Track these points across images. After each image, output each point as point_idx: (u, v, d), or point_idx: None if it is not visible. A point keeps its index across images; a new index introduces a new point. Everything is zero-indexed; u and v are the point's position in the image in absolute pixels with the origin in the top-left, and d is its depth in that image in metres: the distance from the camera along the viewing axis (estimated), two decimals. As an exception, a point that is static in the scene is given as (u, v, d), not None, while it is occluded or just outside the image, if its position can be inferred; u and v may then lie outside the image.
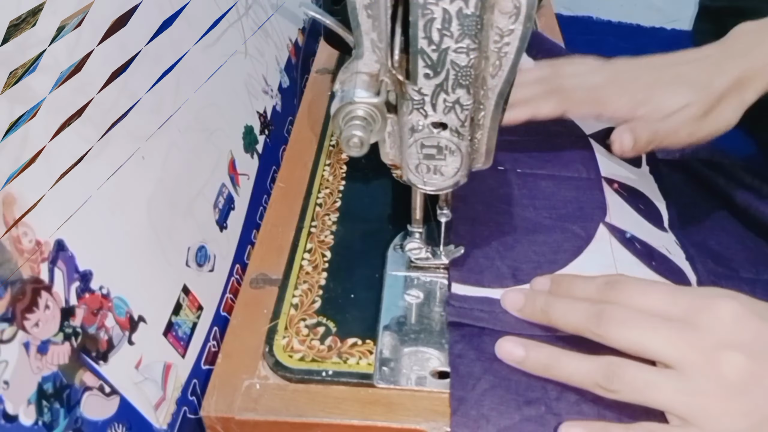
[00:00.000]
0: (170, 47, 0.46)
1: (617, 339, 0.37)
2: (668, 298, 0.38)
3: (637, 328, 0.36)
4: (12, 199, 0.30)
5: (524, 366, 0.40)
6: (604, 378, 0.36)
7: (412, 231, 0.45)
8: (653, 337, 0.36)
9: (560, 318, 0.40)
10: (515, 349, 0.40)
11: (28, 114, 0.32)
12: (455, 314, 0.43)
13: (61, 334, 0.32)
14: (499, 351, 0.41)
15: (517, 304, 0.43)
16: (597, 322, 0.37)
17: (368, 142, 0.35)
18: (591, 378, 0.37)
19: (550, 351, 0.39)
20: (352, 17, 0.34)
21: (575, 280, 0.43)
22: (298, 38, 0.75)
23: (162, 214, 0.43)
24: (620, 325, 0.37)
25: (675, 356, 0.35)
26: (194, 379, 0.45)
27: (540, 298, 0.42)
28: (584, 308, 0.39)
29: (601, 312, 0.38)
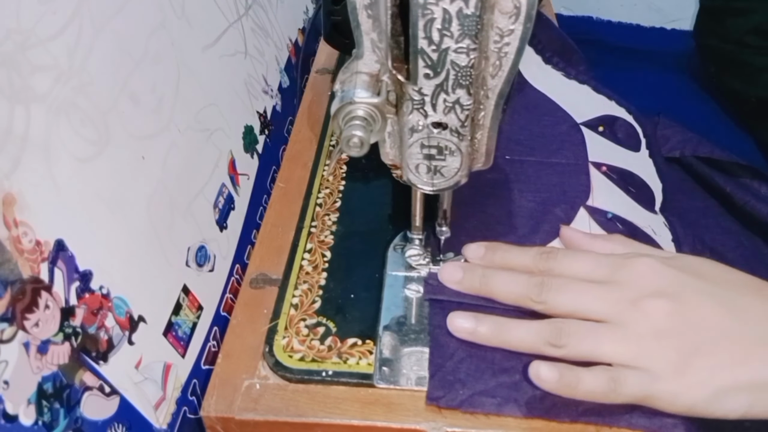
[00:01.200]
0: (170, 47, 0.46)
1: (554, 304, 0.40)
2: (593, 263, 0.42)
3: (570, 292, 0.40)
4: (12, 199, 0.30)
5: (476, 337, 0.41)
6: (552, 334, 0.39)
7: (412, 237, 0.45)
8: (584, 298, 0.40)
9: (501, 289, 0.42)
10: (465, 322, 0.42)
11: (28, 114, 0.32)
12: (431, 291, 0.45)
13: (61, 334, 0.32)
14: (450, 326, 0.42)
15: (455, 276, 0.44)
16: (537, 291, 0.41)
17: (368, 142, 0.35)
18: (541, 337, 0.39)
19: (498, 320, 0.41)
20: (352, 17, 0.34)
21: (510, 250, 0.45)
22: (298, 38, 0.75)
23: (162, 214, 0.43)
24: (557, 292, 0.40)
25: (606, 311, 0.39)
26: (194, 379, 0.45)
27: (478, 270, 0.44)
28: (525, 279, 0.42)
29: (540, 282, 0.41)
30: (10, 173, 0.30)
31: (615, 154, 0.56)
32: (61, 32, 0.34)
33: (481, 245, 0.46)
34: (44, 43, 0.33)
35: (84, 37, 0.36)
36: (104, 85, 0.38)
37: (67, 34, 0.35)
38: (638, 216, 0.50)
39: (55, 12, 0.34)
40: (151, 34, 0.43)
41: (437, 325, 0.43)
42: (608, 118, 0.58)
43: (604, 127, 0.57)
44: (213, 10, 0.54)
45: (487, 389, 0.40)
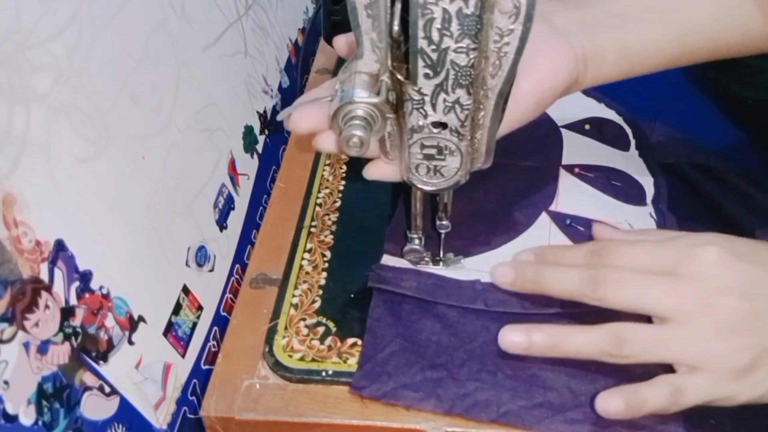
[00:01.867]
0: (170, 47, 0.46)
1: (614, 300, 0.38)
2: (651, 255, 0.39)
3: (631, 287, 0.38)
4: (12, 199, 0.30)
5: (531, 351, 0.39)
6: (614, 345, 0.37)
7: (412, 237, 0.45)
8: (648, 294, 0.37)
9: (554, 285, 0.40)
10: (517, 337, 0.40)
11: (28, 114, 0.32)
12: (375, 279, 0.45)
13: (61, 334, 0.32)
14: (502, 343, 0.40)
15: (507, 278, 0.43)
16: (593, 286, 0.38)
17: (368, 142, 0.35)
18: (601, 348, 0.37)
19: (553, 330, 0.39)
20: (352, 17, 0.34)
21: (561, 251, 0.43)
22: (298, 38, 0.75)
23: (162, 214, 0.43)
24: (615, 287, 0.38)
25: (672, 309, 0.37)
26: (194, 379, 0.45)
27: (529, 269, 0.42)
28: (577, 274, 0.40)
29: (595, 276, 0.39)
30: (10, 173, 0.30)
31: (598, 151, 0.55)
32: (61, 32, 0.34)
33: (529, 250, 0.44)
34: (44, 43, 0.33)
35: (84, 37, 0.36)
36: (104, 85, 0.38)
37: (67, 34, 0.35)
38: (615, 211, 0.49)
39: (55, 12, 0.34)
40: (151, 34, 0.43)
41: (376, 318, 0.44)
42: (595, 120, 0.57)
43: (590, 126, 0.57)
44: (213, 10, 0.54)
45: (412, 383, 0.40)
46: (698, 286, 0.37)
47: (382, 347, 0.42)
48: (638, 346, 0.37)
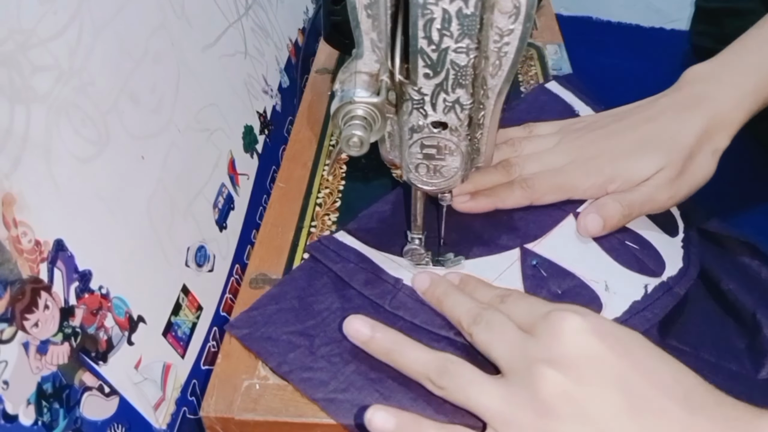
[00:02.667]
0: (170, 47, 0.46)
1: (475, 340, 0.38)
2: (530, 308, 0.38)
3: (491, 331, 0.37)
4: (12, 199, 0.30)
5: (368, 347, 0.40)
6: (437, 372, 0.36)
7: (412, 237, 0.45)
8: (499, 341, 0.37)
9: (449, 308, 0.41)
10: (363, 328, 0.40)
11: (28, 114, 0.32)
12: (314, 247, 0.47)
13: (60, 334, 0.32)
14: (346, 328, 0.41)
15: (423, 285, 0.44)
16: (470, 321, 0.39)
17: (368, 142, 0.35)
18: (425, 370, 0.37)
19: (395, 337, 0.40)
20: (351, 17, 0.34)
21: (480, 285, 0.43)
22: (298, 38, 0.75)
23: (162, 214, 0.43)
24: (483, 328, 0.38)
25: (507, 362, 0.36)
26: (194, 379, 0.45)
27: (442, 286, 0.43)
28: (470, 308, 0.40)
29: (478, 315, 0.39)
30: (10, 173, 0.30)
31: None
32: (61, 32, 0.34)
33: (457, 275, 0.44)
34: (45, 43, 0.33)
35: (84, 38, 0.36)
36: (104, 85, 0.38)
37: (67, 35, 0.35)
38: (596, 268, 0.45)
39: (56, 12, 0.34)
40: (151, 34, 0.43)
41: (291, 276, 0.46)
42: None
43: None
44: (213, 10, 0.54)
45: (274, 338, 0.42)
46: (540, 349, 0.35)
47: (276, 302, 0.44)
48: (456, 381, 0.36)
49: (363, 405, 0.38)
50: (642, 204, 0.46)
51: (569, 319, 0.35)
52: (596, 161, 0.47)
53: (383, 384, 0.40)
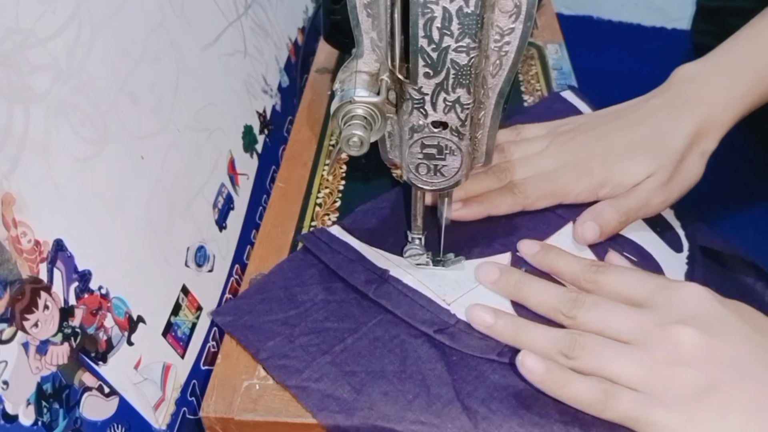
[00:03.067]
0: (169, 47, 0.46)
1: (584, 321, 0.39)
2: (638, 281, 0.40)
3: (600, 310, 0.39)
4: (11, 199, 0.30)
5: (492, 332, 0.41)
6: (567, 345, 0.38)
7: (413, 237, 0.45)
8: (614, 318, 0.38)
9: (534, 296, 0.42)
10: (485, 315, 0.41)
11: (27, 114, 0.32)
12: (306, 238, 0.48)
13: (60, 334, 0.32)
14: (469, 317, 0.42)
15: (491, 276, 0.43)
16: (569, 306, 0.40)
17: (368, 142, 0.35)
18: (555, 345, 0.38)
19: (517, 319, 0.41)
20: (351, 16, 0.34)
21: (563, 255, 0.44)
22: (297, 37, 0.75)
23: (161, 214, 0.43)
24: (587, 309, 0.39)
25: (631, 332, 0.38)
26: (193, 379, 0.44)
27: (515, 275, 0.43)
28: (558, 292, 0.41)
29: (575, 298, 0.40)
30: (9, 173, 0.30)
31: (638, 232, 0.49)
32: (60, 32, 0.34)
33: (536, 243, 0.45)
34: (43, 42, 0.33)
35: (83, 37, 0.36)
36: (103, 85, 0.38)
37: (66, 34, 0.35)
38: None
39: (54, 11, 0.34)
40: (150, 34, 0.43)
41: (281, 266, 0.47)
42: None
43: None
44: (212, 10, 0.54)
45: (257, 326, 0.43)
46: (663, 313, 0.37)
47: (262, 291, 0.45)
48: (589, 350, 0.37)
49: (333, 396, 0.39)
50: (637, 209, 0.46)
51: (691, 287, 0.38)
52: (587, 165, 0.47)
53: (356, 377, 0.40)
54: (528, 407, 0.38)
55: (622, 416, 0.36)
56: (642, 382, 0.36)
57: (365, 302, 0.44)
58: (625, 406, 0.35)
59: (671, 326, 0.36)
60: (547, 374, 0.37)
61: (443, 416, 0.38)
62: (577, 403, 0.37)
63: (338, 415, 0.38)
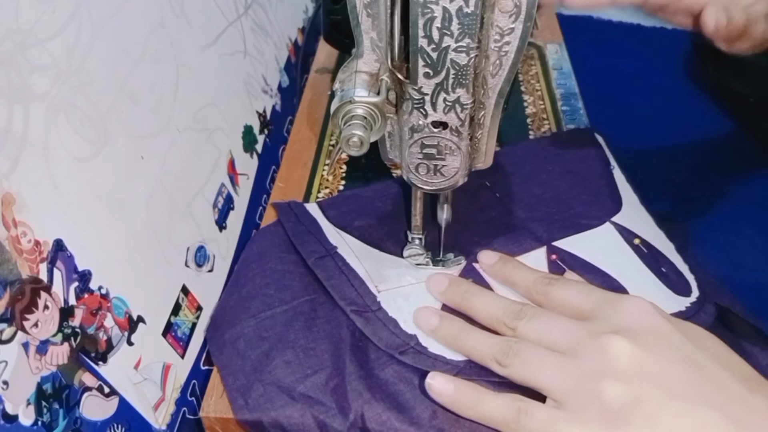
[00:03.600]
0: (169, 46, 0.46)
1: (523, 331, 0.39)
2: (584, 294, 0.40)
3: (541, 322, 0.38)
4: (11, 199, 0.30)
5: (435, 335, 0.41)
6: (502, 352, 0.37)
7: (412, 237, 0.45)
8: (553, 328, 0.38)
9: (480, 307, 0.41)
10: (431, 318, 0.41)
11: (27, 114, 0.32)
12: (279, 206, 0.49)
13: (60, 334, 0.32)
14: (416, 318, 0.42)
15: (441, 287, 0.43)
16: (512, 317, 0.39)
17: (368, 142, 0.35)
18: (491, 351, 0.38)
19: (461, 325, 0.41)
20: (351, 16, 0.34)
21: (520, 266, 0.44)
22: (297, 37, 0.75)
23: (161, 214, 0.43)
24: (528, 320, 0.39)
25: (567, 342, 0.37)
26: (193, 379, 0.44)
27: (464, 285, 0.43)
28: (505, 304, 0.41)
29: (519, 310, 0.39)
30: (9, 173, 0.30)
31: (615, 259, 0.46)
32: (60, 32, 0.34)
33: (494, 253, 0.45)
34: (43, 42, 0.33)
35: (83, 37, 0.36)
36: (103, 85, 0.38)
37: (66, 34, 0.35)
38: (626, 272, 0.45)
39: (54, 11, 0.34)
40: (150, 34, 0.43)
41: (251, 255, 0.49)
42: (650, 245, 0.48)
43: (641, 243, 0.48)
44: (212, 10, 0.54)
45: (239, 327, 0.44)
46: (601, 325, 0.36)
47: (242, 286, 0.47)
48: (521, 356, 0.37)
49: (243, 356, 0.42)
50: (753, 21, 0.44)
51: (636, 302, 0.37)
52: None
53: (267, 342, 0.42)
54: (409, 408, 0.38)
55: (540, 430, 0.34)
56: (566, 394, 0.34)
57: (307, 279, 0.45)
58: (539, 424, 0.34)
59: (603, 336, 0.35)
60: (457, 394, 0.37)
61: (330, 395, 0.39)
62: (490, 422, 0.36)
63: (239, 374, 0.41)
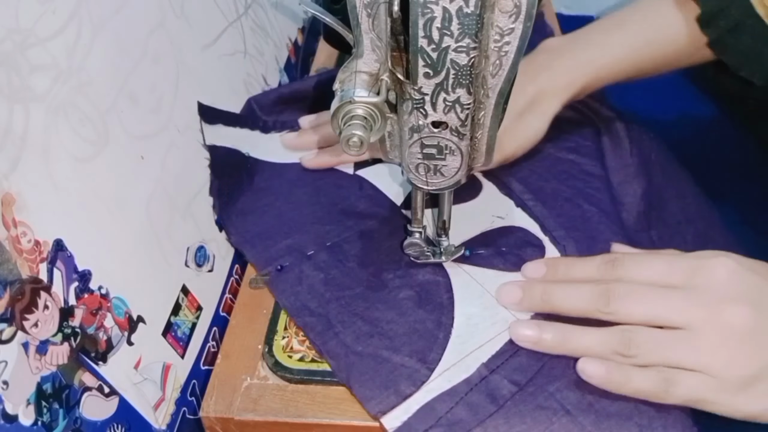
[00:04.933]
0: (169, 47, 0.46)
1: (626, 314, 0.38)
2: (666, 267, 0.40)
3: (642, 301, 0.38)
4: (11, 199, 0.30)
5: (540, 346, 0.40)
6: (621, 345, 0.38)
7: (412, 231, 0.45)
8: (659, 306, 0.38)
9: (564, 303, 0.41)
10: (528, 331, 0.40)
11: (27, 114, 0.32)
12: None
13: (60, 334, 0.32)
14: (513, 335, 0.41)
15: (515, 297, 0.42)
16: (605, 302, 0.39)
17: (368, 142, 0.35)
18: (609, 347, 0.38)
19: (562, 328, 0.40)
20: (351, 16, 0.34)
21: (574, 263, 0.43)
22: (297, 37, 0.75)
23: (161, 214, 0.43)
24: (627, 301, 0.38)
25: (682, 319, 0.37)
26: (193, 379, 0.44)
27: (538, 287, 0.42)
28: (589, 290, 0.40)
29: (606, 291, 0.39)
30: (9, 173, 0.30)
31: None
32: (60, 32, 0.34)
33: (540, 262, 0.44)
34: (43, 42, 0.33)
35: (83, 37, 0.36)
36: (103, 85, 0.38)
37: (66, 34, 0.35)
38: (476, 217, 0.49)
39: (54, 11, 0.34)
40: (150, 34, 0.43)
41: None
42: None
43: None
44: (212, 10, 0.54)
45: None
46: (708, 295, 0.37)
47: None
48: (643, 344, 0.37)
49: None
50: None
51: (723, 263, 0.38)
52: None
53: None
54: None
55: (685, 399, 0.37)
56: (702, 367, 0.36)
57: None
58: (687, 390, 0.36)
59: (721, 307, 0.37)
60: (609, 375, 0.38)
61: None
62: (641, 395, 0.37)
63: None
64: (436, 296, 0.44)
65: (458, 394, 0.39)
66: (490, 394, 0.39)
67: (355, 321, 0.43)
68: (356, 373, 0.40)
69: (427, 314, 0.43)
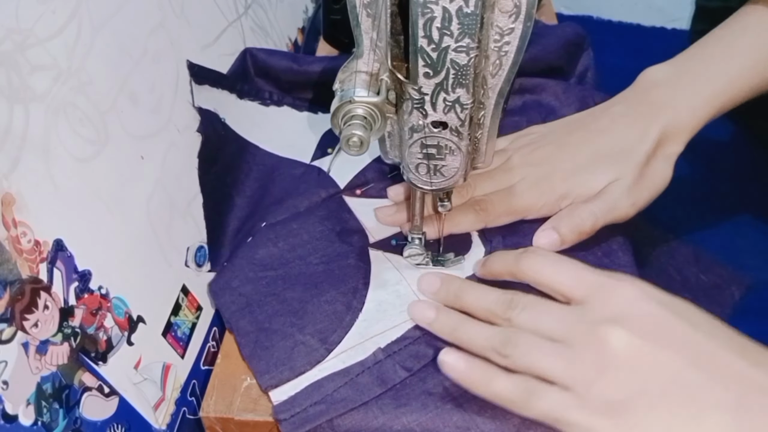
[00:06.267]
0: (169, 46, 0.46)
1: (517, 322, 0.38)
2: (575, 277, 0.39)
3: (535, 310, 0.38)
4: (11, 199, 0.30)
5: (433, 327, 0.41)
6: (501, 343, 0.37)
7: (412, 237, 0.45)
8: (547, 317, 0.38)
9: (473, 303, 0.41)
10: (427, 311, 0.41)
11: (27, 114, 0.32)
12: (292, 428, 0.38)
13: (60, 334, 0.32)
14: (412, 314, 0.42)
15: (433, 287, 0.43)
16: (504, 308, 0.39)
17: (368, 142, 0.35)
18: (489, 343, 0.38)
19: (457, 317, 0.41)
20: (351, 16, 0.34)
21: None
22: (297, 37, 0.75)
23: (161, 214, 0.43)
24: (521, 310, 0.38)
25: (564, 331, 0.36)
26: (193, 379, 0.44)
27: (455, 283, 0.43)
28: (497, 295, 0.40)
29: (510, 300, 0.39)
30: (9, 173, 0.30)
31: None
32: (60, 32, 0.34)
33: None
34: (43, 42, 0.33)
35: (83, 37, 0.36)
36: (103, 85, 0.38)
37: (66, 34, 0.35)
38: None
39: (54, 11, 0.34)
40: (150, 34, 0.43)
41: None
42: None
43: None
44: (212, 10, 0.54)
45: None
46: (597, 314, 0.36)
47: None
48: (522, 347, 0.37)
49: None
50: (605, 213, 0.44)
51: (629, 285, 0.37)
52: (548, 180, 0.46)
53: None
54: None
55: (544, 415, 0.35)
56: (570, 383, 0.35)
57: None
58: (548, 405, 0.35)
59: (602, 326, 0.35)
60: (469, 371, 0.37)
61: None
62: (500, 401, 0.37)
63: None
64: (354, 280, 0.45)
65: (349, 375, 0.40)
66: (381, 377, 0.40)
67: (270, 301, 0.44)
68: (258, 349, 0.41)
69: (340, 296, 0.44)
